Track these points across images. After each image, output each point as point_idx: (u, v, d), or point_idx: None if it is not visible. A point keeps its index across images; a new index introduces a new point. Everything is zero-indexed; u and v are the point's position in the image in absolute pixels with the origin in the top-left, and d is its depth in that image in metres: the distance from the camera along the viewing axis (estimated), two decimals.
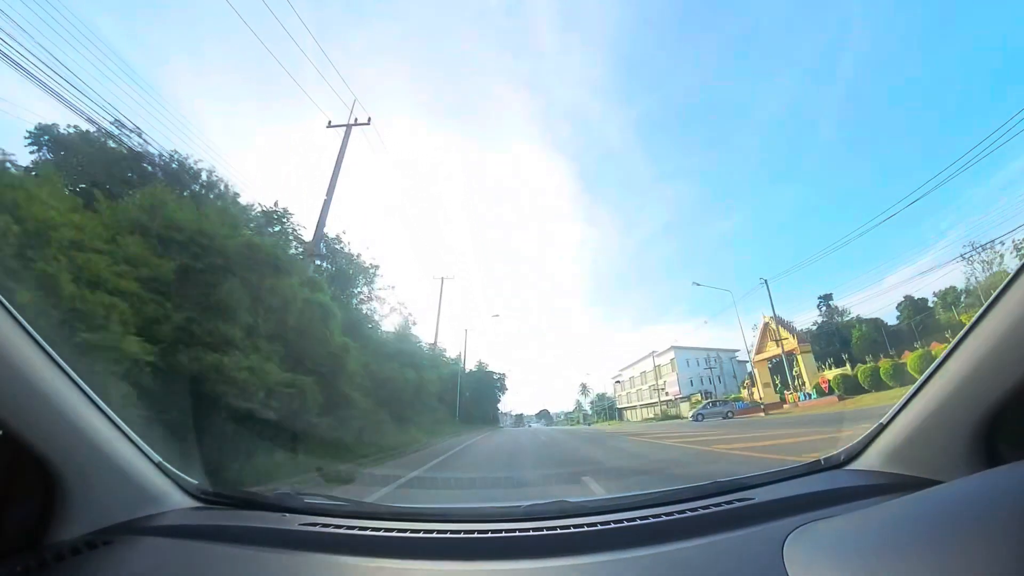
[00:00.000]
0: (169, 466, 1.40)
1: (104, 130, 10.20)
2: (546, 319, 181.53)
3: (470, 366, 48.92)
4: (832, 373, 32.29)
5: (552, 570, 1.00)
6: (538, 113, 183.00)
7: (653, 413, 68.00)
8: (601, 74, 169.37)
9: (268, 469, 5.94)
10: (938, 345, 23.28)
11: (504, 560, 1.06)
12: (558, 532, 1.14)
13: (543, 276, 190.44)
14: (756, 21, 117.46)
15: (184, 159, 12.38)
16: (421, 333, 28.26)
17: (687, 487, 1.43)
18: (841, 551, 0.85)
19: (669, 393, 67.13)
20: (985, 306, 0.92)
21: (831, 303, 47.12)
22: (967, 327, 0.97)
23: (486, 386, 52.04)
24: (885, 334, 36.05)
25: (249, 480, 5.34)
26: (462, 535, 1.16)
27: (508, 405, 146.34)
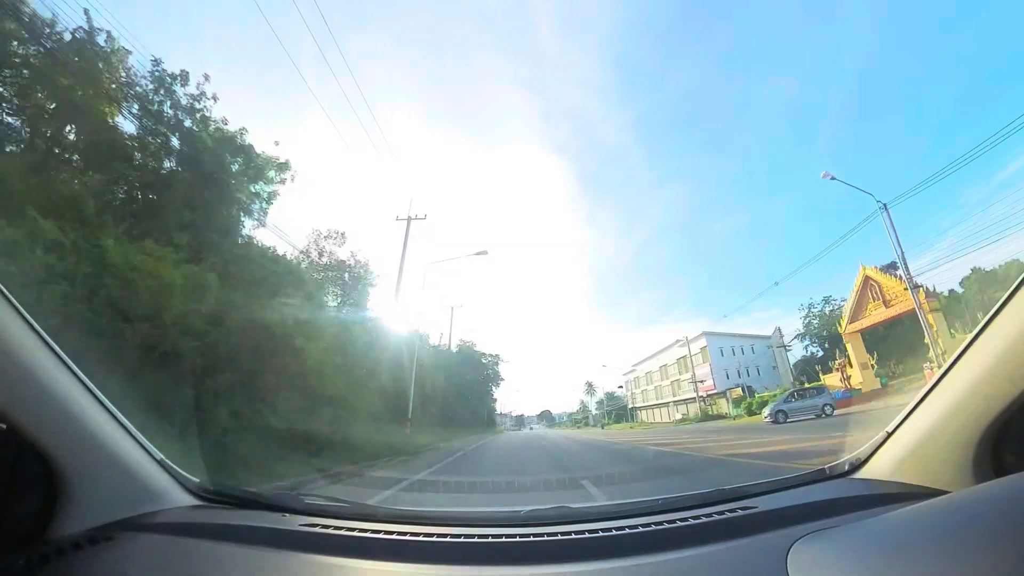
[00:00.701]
0: (171, 463, 1.41)
1: None
2: (547, 319, 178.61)
3: (454, 346, 37.06)
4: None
5: None
6: (538, 113, 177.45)
7: (682, 413, 56.36)
8: (601, 75, 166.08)
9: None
10: None
11: (505, 566, 1.07)
12: (559, 538, 1.14)
13: (543, 277, 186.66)
14: (756, 22, 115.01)
15: None
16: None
17: (690, 494, 1.41)
18: (846, 562, 0.85)
19: (700, 388, 55.53)
20: (990, 314, 0.92)
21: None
22: (973, 335, 0.97)
23: (473, 372, 39.56)
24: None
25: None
26: (462, 540, 1.16)
27: (507, 405, 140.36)
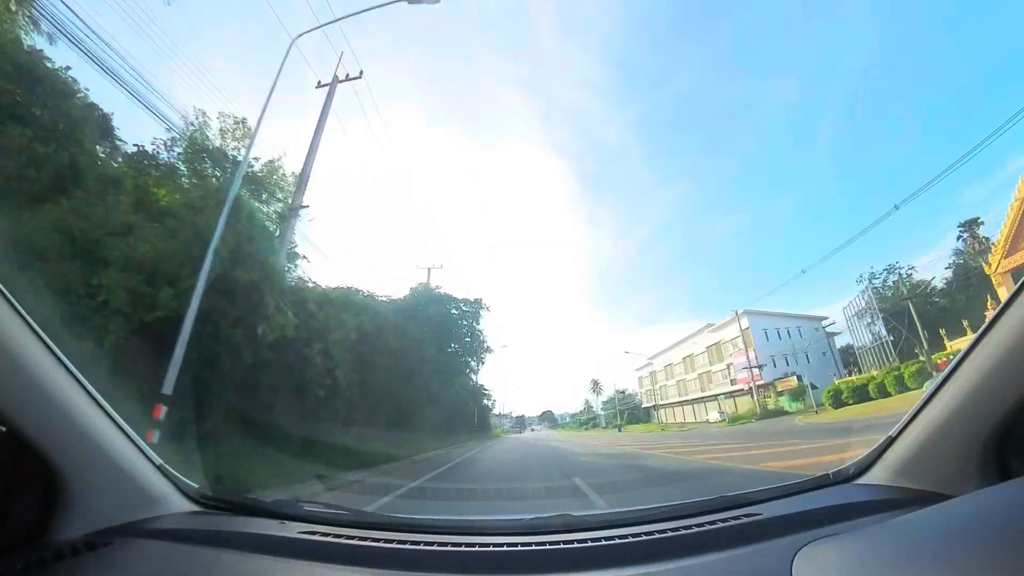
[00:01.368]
0: (170, 468, 1.40)
1: None
2: (547, 320, 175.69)
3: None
4: None
5: None
6: (538, 114, 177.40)
7: (719, 411, 45.21)
8: (601, 75, 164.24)
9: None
10: None
11: (507, 575, 1.07)
12: (561, 547, 1.12)
13: (544, 277, 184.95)
14: (757, 22, 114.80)
15: None
16: None
17: (694, 501, 1.40)
18: (852, 569, 0.84)
19: (738, 380, 44.66)
20: (993, 316, 0.91)
21: None
22: (975, 338, 0.96)
23: (448, 335, 24.18)
24: None
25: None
26: (463, 548, 1.15)
27: (507, 405, 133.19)
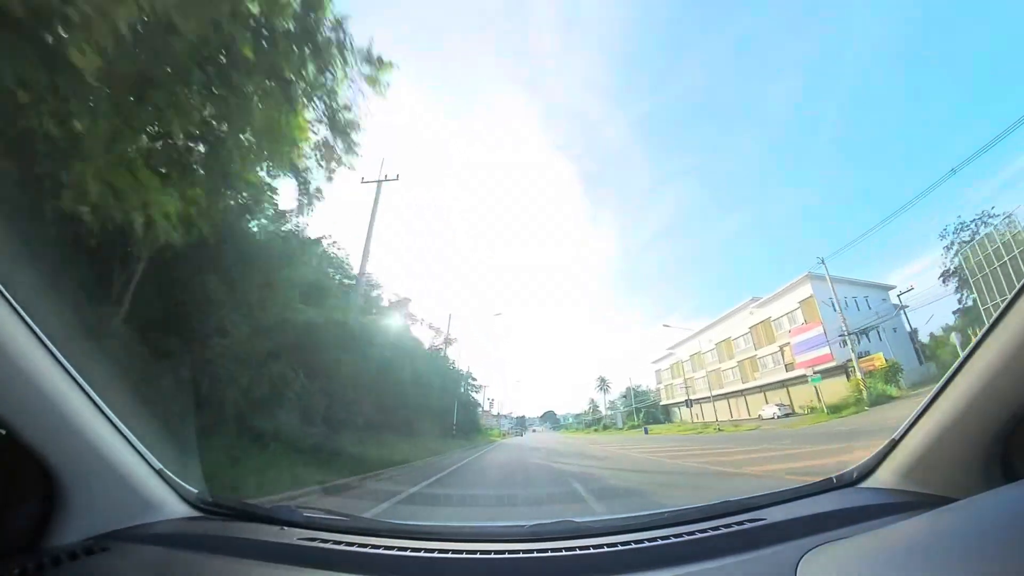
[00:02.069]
0: (169, 473, 1.39)
1: None
2: (548, 320, 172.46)
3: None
4: None
5: None
6: (541, 114, 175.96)
7: (779, 405, 35.70)
8: (602, 76, 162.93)
9: None
10: None
11: None
12: (563, 554, 1.11)
13: (544, 277, 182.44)
14: (757, 22, 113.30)
15: None
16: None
17: (696, 507, 1.38)
18: (857, 573, 0.84)
19: (797, 364, 35.26)
20: (995, 317, 0.91)
21: None
22: (978, 339, 0.96)
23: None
24: None
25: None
26: (464, 555, 1.13)
27: (507, 405, 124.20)
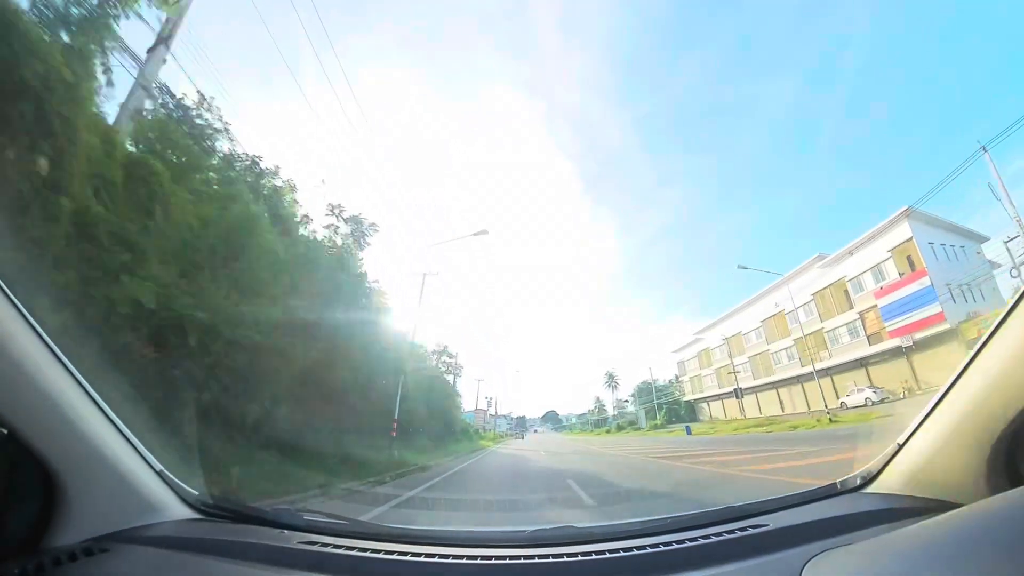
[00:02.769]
0: (170, 475, 1.38)
1: None
2: (549, 320, 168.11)
3: None
4: None
5: None
6: (542, 114, 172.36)
7: (872, 388, 26.36)
8: (608, 76, 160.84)
9: None
10: None
11: None
12: (565, 560, 1.11)
13: (544, 277, 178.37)
14: (757, 22, 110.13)
15: None
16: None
17: (699, 512, 1.38)
18: None
19: (887, 331, 26.06)
20: (999, 320, 0.90)
21: None
22: (982, 342, 0.95)
23: None
24: None
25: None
26: (465, 560, 1.13)
27: (507, 405, 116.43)
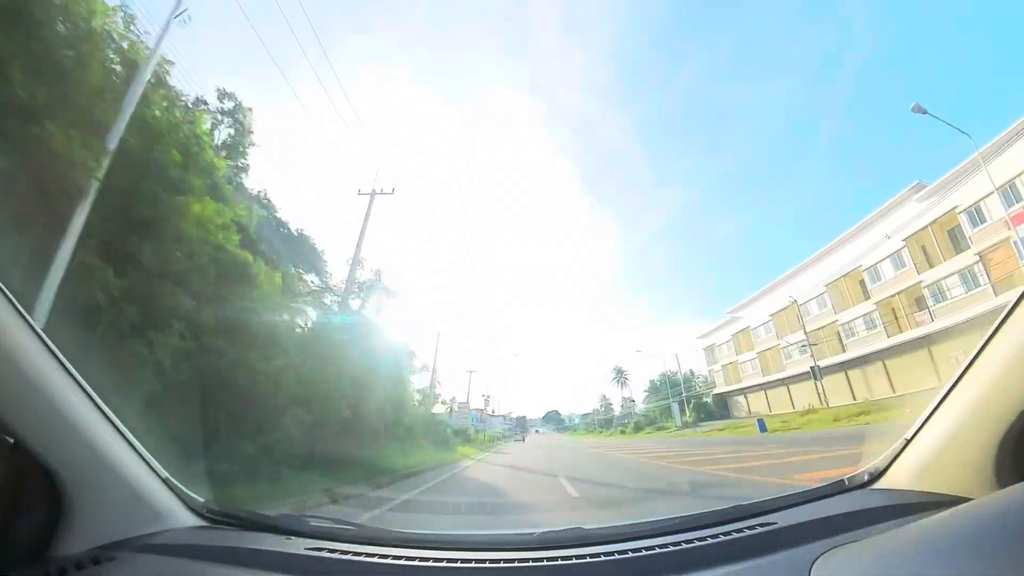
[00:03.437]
0: (176, 482, 1.39)
1: None
2: (549, 320, 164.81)
3: None
4: None
5: None
6: (542, 115, 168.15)
7: None
8: (608, 76, 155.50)
9: None
10: None
11: None
12: (574, 562, 1.10)
13: (544, 277, 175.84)
14: (758, 23, 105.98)
15: None
16: None
17: (708, 512, 1.36)
18: (872, 575, 0.84)
19: None
20: (1007, 310, 0.91)
21: None
22: (989, 334, 0.95)
23: None
24: None
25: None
26: (473, 564, 1.14)
27: (506, 404, 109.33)
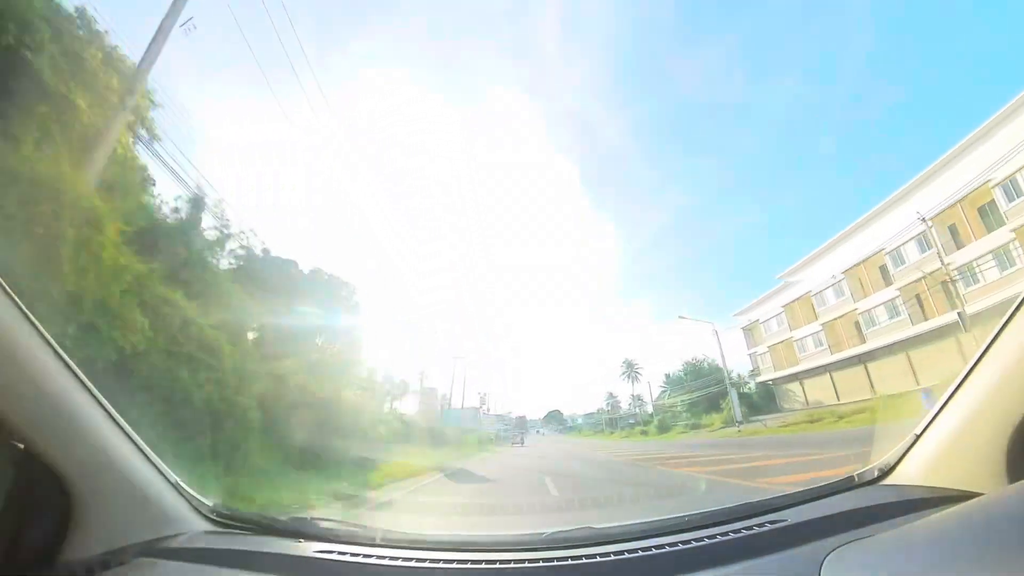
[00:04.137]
0: (185, 487, 1.37)
1: None
2: (549, 320, 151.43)
3: None
4: None
5: None
6: (542, 115, 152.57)
7: None
8: (608, 77, 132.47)
9: None
10: None
11: None
12: (584, 562, 1.08)
13: (544, 276, 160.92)
14: (758, 23, 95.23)
15: None
16: None
17: (718, 510, 1.33)
18: (883, 572, 0.83)
19: None
20: (1015, 306, 0.91)
21: None
22: (998, 329, 0.96)
23: None
24: None
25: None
26: (484, 565, 1.13)
27: (505, 403, 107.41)
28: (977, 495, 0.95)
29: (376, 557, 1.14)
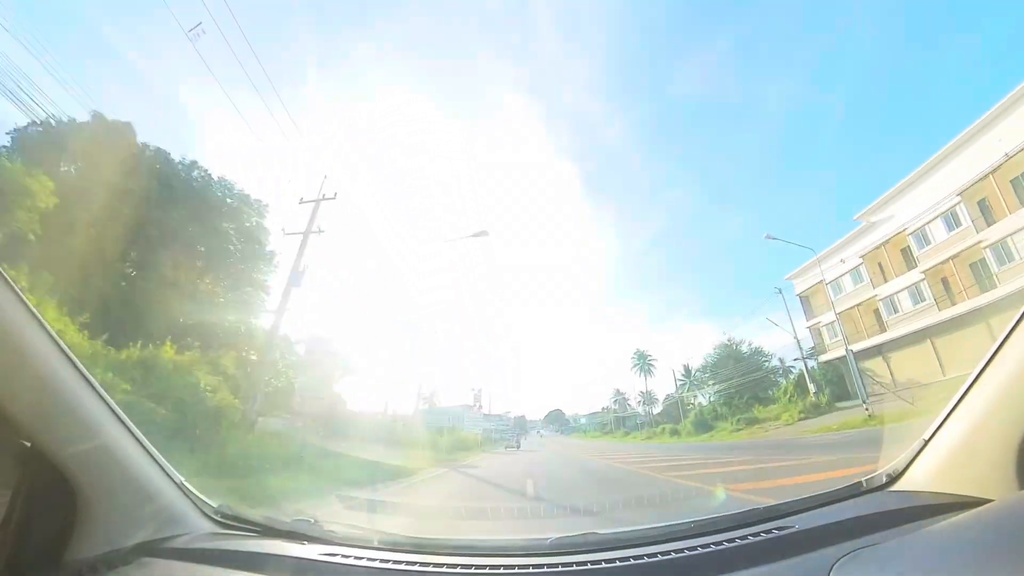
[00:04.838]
0: (190, 487, 1.39)
1: None
2: (549, 320, 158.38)
3: None
4: None
5: None
6: (543, 115, 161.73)
7: None
8: (608, 77, 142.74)
9: None
10: None
11: None
12: (588, 568, 1.09)
13: (544, 277, 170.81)
14: (758, 24, 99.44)
15: None
16: None
17: (724, 515, 1.34)
18: None
19: None
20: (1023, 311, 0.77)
21: None
22: (1007, 332, 0.94)
23: None
24: None
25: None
26: (487, 570, 1.13)
27: (503, 403, 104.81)
28: (987, 501, 0.95)
29: (380, 560, 1.16)
